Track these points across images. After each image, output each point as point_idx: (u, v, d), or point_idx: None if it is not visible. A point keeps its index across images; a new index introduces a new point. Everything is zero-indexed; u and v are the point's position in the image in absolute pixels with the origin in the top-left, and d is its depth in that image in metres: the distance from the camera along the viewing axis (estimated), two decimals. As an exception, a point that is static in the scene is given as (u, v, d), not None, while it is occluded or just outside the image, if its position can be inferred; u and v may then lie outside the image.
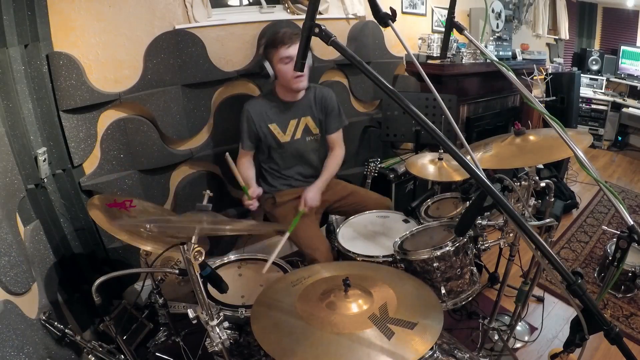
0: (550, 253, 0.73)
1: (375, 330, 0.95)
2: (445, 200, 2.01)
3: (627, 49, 5.04)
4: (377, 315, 1.00)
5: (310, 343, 0.94)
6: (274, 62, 1.80)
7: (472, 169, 0.75)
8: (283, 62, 1.77)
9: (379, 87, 0.79)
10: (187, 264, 1.01)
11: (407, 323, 0.97)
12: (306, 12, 0.82)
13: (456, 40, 2.96)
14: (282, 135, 1.92)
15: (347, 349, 0.91)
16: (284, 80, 1.82)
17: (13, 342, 1.15)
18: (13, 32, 1.48)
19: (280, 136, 1.92)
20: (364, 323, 0.98)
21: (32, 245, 1.49)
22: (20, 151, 1.52)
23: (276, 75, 1.83)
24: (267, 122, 1.89)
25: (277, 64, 1.79)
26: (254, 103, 1.91)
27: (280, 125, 1.91)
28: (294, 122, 1.93)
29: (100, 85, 1.83)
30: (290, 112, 1.92)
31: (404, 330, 0.95)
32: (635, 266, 2.13)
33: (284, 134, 1.92)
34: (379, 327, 0.96)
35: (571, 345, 0.83)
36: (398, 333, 0.94)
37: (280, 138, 1.92)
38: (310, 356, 0.91)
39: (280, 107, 1.91)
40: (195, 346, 1.49)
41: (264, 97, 1.95)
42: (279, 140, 1.92)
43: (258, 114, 1.87)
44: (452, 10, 1.23)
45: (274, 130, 1.91)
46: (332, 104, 1.98)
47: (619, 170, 4.32)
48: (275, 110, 1.91)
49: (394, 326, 0.96)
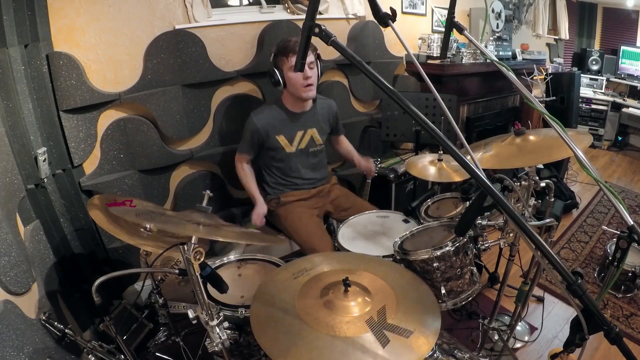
0: (550, 253, 0.73)
1: (372, 336, 0.94)
2: (445, 200, 2.01)
3: (627, 49, 5.04)
4: (375, 319, 0.99)
5: (305, 343, 0.94)
6: (284, 70, 1.79)
7: (472, 169, 0.75)
8: (293, 70, 1.76)
9: (379, 87, 0.79)
10: (187, 264, 1.01)
11: (403, 330, 0.96)
12: (306, 12, 0.82)
13: (456, 40, 2.96)
14: (288, 146, 1.92)
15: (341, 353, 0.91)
16: (293, 88, 1.81)
17: (13, 342, 1.15)
18: (13, 32, 1.48)
19: (287, 147, 1.92)
20: (361, 327, 0.97)
21: (32, 245, 1.49)
22: (20, 151, 1.52)
23: (285, 84, 1.82)
24: (274, 134, 1.88)
25: (287, 72, 1.78)
26: (262, 115, 1.87)
27: (287, 136, 1.91)
28: (300, 134, 1.93)
29: (100, 85, 1.83)
30: (297, 124, 1.92)
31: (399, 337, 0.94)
32: (635, 266, 2.13)
33: (290, 145, 1.93)
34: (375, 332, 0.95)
35: (571, 345, 0.83)
36: (393, 340, 0.93)
37: (286, 149, 1.92)
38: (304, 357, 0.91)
39: (288, 118, 1.90)
40: (195, 346, 1.49)
41: (270, 107, 1.92)
42: (284, 151, 1.92)
43: (265, 125, 1.86)
44: (452, 10, 1.23)
45: (282, 142, 1.90)
46: (336, 113, 2.07)
47: (619, 170, 4.32)
48: (283, 122, 1.90)
49: (390, 333, 0.95)
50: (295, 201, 1.97)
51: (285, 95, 1.89)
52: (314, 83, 1.82)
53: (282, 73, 1.80)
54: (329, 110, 2.02)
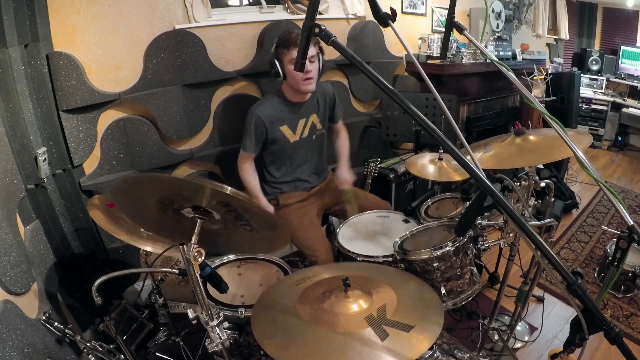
0: (550, 253, 0.73)
1: (371, 331, 0.95)
2: (445, 200, 2.01)
3: (627, 49, 5.04)
4: (374, 316, 0.99)
5: (304, 339, 0.94)
6: (285, 62, 1.78)
7: (472, 169, 0.75)
8: (294, 63, 1.76)
9: (379, 87, 0.79)
10: (187, 264, 1.01)
11: (403, 325, 0.96)
12: (306, 12, 0.82)
13: (456, 40, 2.96)
14: (292, 135, 1.92)
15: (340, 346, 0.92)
16: (292, 81, 1.81)
17: (13, 342, 1.15)
18: (13, 32, 1.48)
19: (291, 136, 1.92)
20: (361, 324, 0.97)
21: (32, 245, 1.49)
22: (20, 151, 1.52)
23: (285, 75, 1.82)
24: (278, 125, 1.88)
25: (288, 64, 1.78)
26: (263, 107, 1.86)
27: (290, 126, 1.91)
28: (302, 122, 1.93)
29: (100, 85, 1.83)
30: (299, 112, 1.92)
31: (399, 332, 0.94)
32: (635, 266, 2.13)
33: (294, 133, 1.92)
34: (374, 328, 0.96)
35: (571, 345, 0.83)
36: (393, 335, 0.94)
37: (290, 138, 1.92)
38: (303, 353, 0.91)
39: (289, 108, 1.90)
40: (195, 346, 1.49)
41: (270, 99, 1.91)
42: (289, 141, 1.92)
43: (269, 117, 1.85)
44: (452, 10, 1.23)
45: (285, 132, 1.90)
46: (334, 97, 2.06)
47: (619, 170, 4.32)
48: (285, 112, 1.89)
49: (390, 328, 0.96)
50: (294, 203, 1.97)
51: (285, 86, 1.88)
52: (314, 77, 1.81)
53: (283, 65, 1.79)
54: (326, 94, 2.01)
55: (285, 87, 1.89)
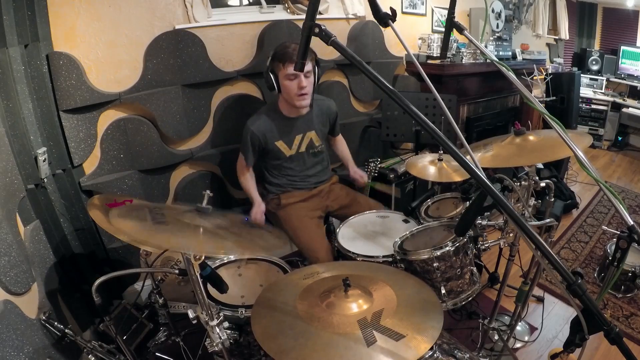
0: (550, 253, 0.73)
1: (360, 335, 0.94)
2: (445, 200, 2.01)
3: (627, 49, 5.04)
4: (368, 320, 0.98)
5: (304, 340, 0.94)
6: (280, 77, 1.77)
7: (472, 169, 0.75)
8: (288, 78, 1.74)
9: (379, 87, 0.79)
10: (187, 264, 1.01)
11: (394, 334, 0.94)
12: (306, 12, 0.82)
13: (456, 40, 2.96)
14: (287, 150, 1.92)
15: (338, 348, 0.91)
16: (287, 96, 1.81)
17: (13, 342, 1.15)
18: (13, 32, 1.48)
19: (287, 151, 1.92)
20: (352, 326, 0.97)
21: (32, 245, 1.49)
22: (20, 151, 1.52)
23: (280, 89, 1.81)
24: (273, 140, 1.88)
25: (283, 80, 1.76)
26: (258, 122, 1.85)
27: (286, 141, 1.91)
28: (299, 137, 1.93)
29: (100, 85, 1.83)
30: (295, 128, 1.91)
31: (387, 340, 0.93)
32: (635, 266, 2.13)
33: (289, 148, 1.93)
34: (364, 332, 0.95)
35: (571, 345, 0.83)
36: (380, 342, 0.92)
37: (286, 152, 1.92)
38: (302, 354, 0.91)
39: (285, 123, 1.89)
40: (195, 346, 1.48)
41: (266, 113, 1.90)
42: (284, 155, 1.92)
43: (263, 132, 1.85)
44: (452, 10, 1.23)
45: (281, 147, 1.90)
46: (336, 115, 2.07)
47: (619, 170, 4.32)
48: (281, 127, 1.89)
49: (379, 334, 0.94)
50: (295, 203, 1.97)
51: (281, 99, 1.87)
52: (309, 92, 1.80)
53: (278, 79, 1.78)
54: (328, 111, 2.01)
55: (281, 100, 1.88)
